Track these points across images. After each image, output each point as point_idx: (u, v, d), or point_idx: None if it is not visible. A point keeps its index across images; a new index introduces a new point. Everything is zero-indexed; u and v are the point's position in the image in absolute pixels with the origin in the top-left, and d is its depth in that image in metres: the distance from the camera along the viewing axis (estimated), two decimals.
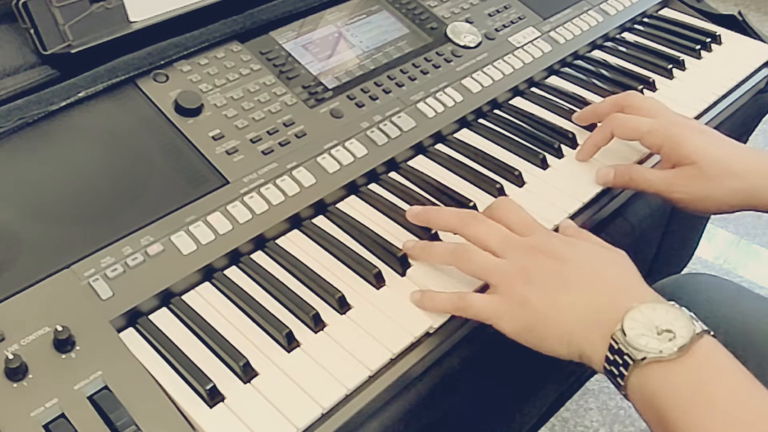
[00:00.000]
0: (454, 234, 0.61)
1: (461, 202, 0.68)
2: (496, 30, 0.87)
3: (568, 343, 0.53)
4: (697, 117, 0.84)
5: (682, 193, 0.68)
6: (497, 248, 0.57)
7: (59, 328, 0.51)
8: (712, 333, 0.50)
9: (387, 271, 0.61)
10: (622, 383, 0.50)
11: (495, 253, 0.57)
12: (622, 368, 0.49)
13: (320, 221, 0.66)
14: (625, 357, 0.49)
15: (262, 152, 0.67)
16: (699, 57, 0.93)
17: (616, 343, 0.50)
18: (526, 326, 0.54)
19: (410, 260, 0.62)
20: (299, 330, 0.56)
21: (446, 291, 0.58)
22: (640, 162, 0.76)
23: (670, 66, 0.89)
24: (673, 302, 0.51)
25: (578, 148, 0.76)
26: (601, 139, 0.74)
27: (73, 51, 0.66)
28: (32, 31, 0.65)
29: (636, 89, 0.85)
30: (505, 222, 0.60)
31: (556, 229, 0.67)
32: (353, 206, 0.67)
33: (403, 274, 0.61)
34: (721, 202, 0.68)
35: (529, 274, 0.55)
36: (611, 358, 0.50)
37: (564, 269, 0.55)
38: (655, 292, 0.54)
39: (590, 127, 0.77)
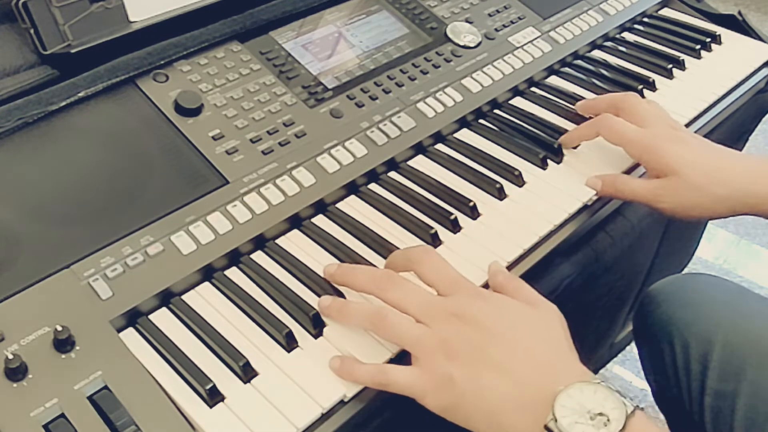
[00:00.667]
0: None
1: (461, 202, 0.68)
2: (496, 30, 0.87)
3: (497, 426, 0.49)
4: (697, 117, 0.84)
5: (668, 203, 0.68)
6: (417, 313, 0.53)
7: (59, 328, 0.51)
8: (641, 407, 0.48)
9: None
10: None
11: (416, 318, 0.53)
12: None
13: (320, 221, 0.66)
14: None
15: (262, 152, 0.67)
16: (699, 57, 0.93)
17: None
18: (451, 405, 0.50)
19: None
20: (299, 330, 0.56)
21: (365, 360, 0.54)
22: (633, 167, 0.75)
23: (670, 66, 0.89)
24: (598, 380, 0.49)
25: (566, 134, 0.76)
26: (587, 134, 0.74)
27: (73, 51, 0.66)
28: (32, 31, 0.65)
29: (636, 89, 0.85)
30: (425, 278, 0.56)
31: (559, 229, 0.67)
32: (353, 206, 0.67)
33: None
34: (709, 209, 0.68)
35: (451, 347, 0.51)
36: None
37: (487, 342, 0.51)
38: (582, 368, 0.51)
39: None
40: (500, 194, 0.70)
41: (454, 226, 0.66)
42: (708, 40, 0.94)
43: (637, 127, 0.70)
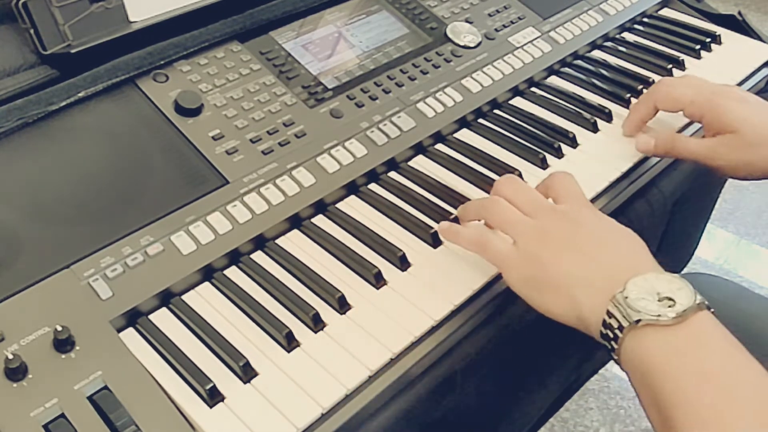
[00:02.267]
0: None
1: (461, 202, 0.67)
2: (496, 30, 0.87)
3: (568, 302, 0.53)
4: None
5: (724, 161, 0.69)
6: (525, 207, 0.59)
7: (59, 328, 0.51)
8: (712, 309, 0.50)
9: (387, 271, 0.61)
10: (615, 346, 0.50)
11: (522, 211, 0.59)
12: (617, 331, 0.50)
13: (320, 221, 0.66)
14: (622, 318, 0.49)
15: (262, 152, 0.67)
16: (699, 57, 0.93)
17: (616, 305, 0.50)
18: (531, 279, 0.55)
19: (410, 260, 0.62)
20: (299, 330, 0.56)
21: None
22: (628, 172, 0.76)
23: (670, 66, 0.89)
24: (678, 274, 0.52)
25: (624, 120, 0.77)
26: (645, 112, 0.75)
27: (72, 51, 0.66)
28: (32, 31, 0.65)
29: (636, 89, 0.85)
30: (550, 192, 0.61)
31: None
32: (353, 206, 0.67)
33: (403, 274, 0.61)
34: (764, 168, 0.69)
35: (546, 234, 0.56)
36: (608, 321, 0.50)
37: (578, 232, 0.56)
38: (661, 267, 0.54)
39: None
40: None
41: None
42: (708, 40, 0.94)
43: (694, 88, 0.72)
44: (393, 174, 0.72)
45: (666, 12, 1.02)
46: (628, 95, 0.83)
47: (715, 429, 0.45)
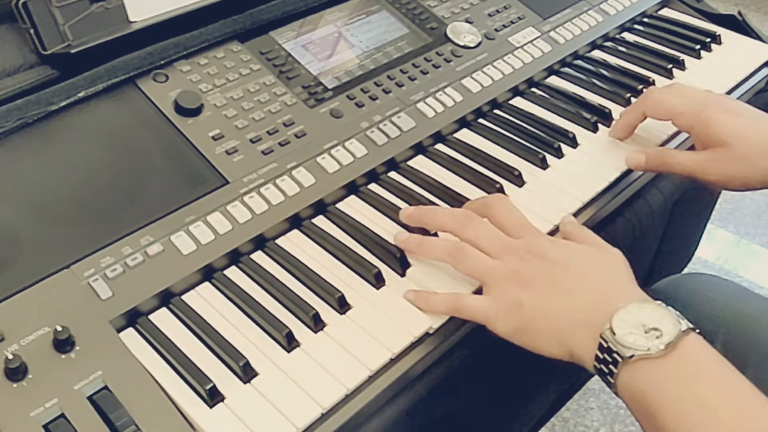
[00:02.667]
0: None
1: (461, 202, 0.67)
2: (496, 30, 0.87)
3: (559, 342, 0.54)
4: None
5: (716, 175, 0.69)
6: (491, 250, 0.58)
7: (59, 328, 0.51)
8: (697, 330, 0.51)
9: (387, 271, 0.61)
10: (612, 381, 0.51)
11: (489, 255, 0.58)
12: (611, 366, 0.50)
13: (320, 221, 0.66)
14: (614, 355, 0.50)
15: (262, 152, 0.67)
16: (699, 57, 0.93)
17: (605, 341, 0.50)
18: (519, 327, 0.55)
19: (409, 260, 0.62)
20: (299, 330, 0.56)
21: (442, 292, 0.59)
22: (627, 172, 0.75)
23: (670, 66, 0.89)
24: (660, 302, 0.52)
25: (612, 125, 0.77)
26: (634, 118, 0.75)
27: (72, 51, 0.66)
28: (32, 31, 0.65)
29: (636, 89, 0.85)
30: (499, 222, 0.60)
31: (556, 230, 0.67)
32: (353, 206, 0.67)
33: (402, 274, 0.61)
34: (756, 180, 0.68)
35: (522, 276, 0.56)
36: (601, 356, 0.51)
37: (555, 271, 0.56)
38: (643, 293, 0.54)
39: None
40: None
41: None
42: (708, 40, 0.94)
43: (685, 99, 0.71)
44: (393, 174, 0.72)
45: (666, 12, 1.02)
46: (628, 95, 0.83)
47: None
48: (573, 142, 0.77)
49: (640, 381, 0.49)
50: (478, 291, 0.59)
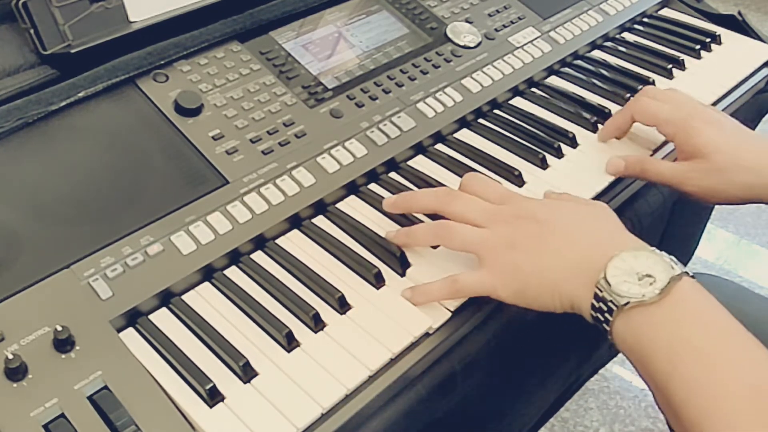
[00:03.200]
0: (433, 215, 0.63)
1: None
2: (496, 30, 0.87)
3: (559, 296, 0.54)
4: None
5: (694, 187, 0.69)
6: (478, 221, 0.58)
7: (59, 328, 0.51)
8: (691, 274, 0.51)
9: (387, 271, 0.61)
10: (607, 329, 0.52)
11: (477, 226, 0.58)
12: (606, 314, 0.51)
13: (320, 221, 0.66)
14: (609, 303, 0.51)
15: (262, 152, 0.67)
16: (699, 57, 0.93)
17: (600, 290, 0.51)
18: (519, 289, 0.56)
19: (409, 260, 0.62)
20: (299, 330, 0.56)
21: (435, 280, 0.58)
22: (651, 155, 0.76)
23: (670, 66, 0.89)
24: (653, 248, 0.52)
25: (599, 130, 0.77)
26: (622, 121, 0.75)
27: (72, 51, 0.66)
28: (32, 31, 0.65)
29: (636, 90, 0.85)
30: (481, 194, 0.61)
31: None
32: (353, 206, 0.67)
33: (402, 274, 0.61)
34: (735, 195, 0.68)
35: (513, 240, 0.56)
36: (596, 305, 0.52)
37: (545, 230, 0.56)
38: (637, 239, 0.55)
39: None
40: None
41: None
42: (708, 40, 0.94)
43: (672, 107, 0.71)
44: (393, 174, 0.72)
45: (666, 12, 1.02)
46: (628, 95, 0.83)
47: (707, 397, 0.46)
48: (573, 142, 0.77)
49: (636, 328, 0.50)
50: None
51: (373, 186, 0.70)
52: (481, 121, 0.79)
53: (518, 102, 0.83)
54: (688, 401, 0.46)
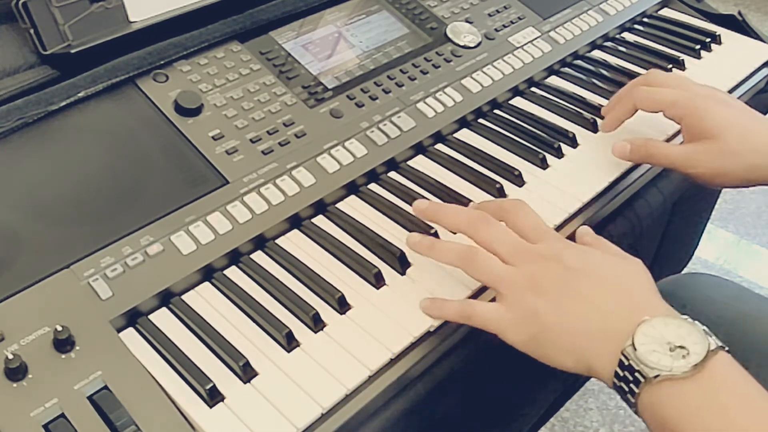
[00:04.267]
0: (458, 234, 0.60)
1: (461, 202, 0.68)
2: (496, 30, 0.87)
3: (576, 355, 0.51)
4: None
5: (702, 168, 0.67)
6: (506, 255, 0.55)
7: (59, 328, 0.51)
8: (726, 349, 0.47)
9: (387, 271, 0.61)
10: (632, 400, 0.48)
11: (504, 260, 0.55)
12: (632, 385, 0.47)
13: (320, 221, 0.66)
14: (636, 374, 0.47)
15: (262, 152, 0.67)
16: (699, 57, 0.93)
17: (627, 359, 0.47)
18: (533, 337, 0.52)
19: (410, 260, 0.62)
20: (299, 330, 0.56)
21: (454, 299, 0.57)
22: (627, 172, 0.75)
23: (670, 66, 0.89)
24: (686, 316, 0.49)
25: (602, 121, 0.76)
26: (624, 111, 0.73)
27: (72, 51, 0.66)
28: (32, 31, 0.65)
29: None
30: (517, 226, 0.58)
31: (558, 229, 0.67)
32: (353, 206, 0.67)
33: (402, 274, 0.61)
34: (741, 177, 0.66)
35: (538, 284, 0.53)
36: (621, 374, 0.48)
37: (573, 279, 0.53)
38: (668, 305, 0.52)
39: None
40: (500, 194, 0.70)
41: None
42: (708, 40, 0.94)
43: (676, 90, 0.69)
44: (393, 174, 0.72)
45: (666, 12, 1.02)
46: None
47: None
48: (573, 142, 0.77)
49: (665, 403, 0.46)
50: (481, 292, 0.59)
51: (373, 186, 0.70)
52: (481, 121, 0.79)
53: (518, 102, 0.83)
54: None
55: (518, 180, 0.71)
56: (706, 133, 0.67)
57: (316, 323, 0.56)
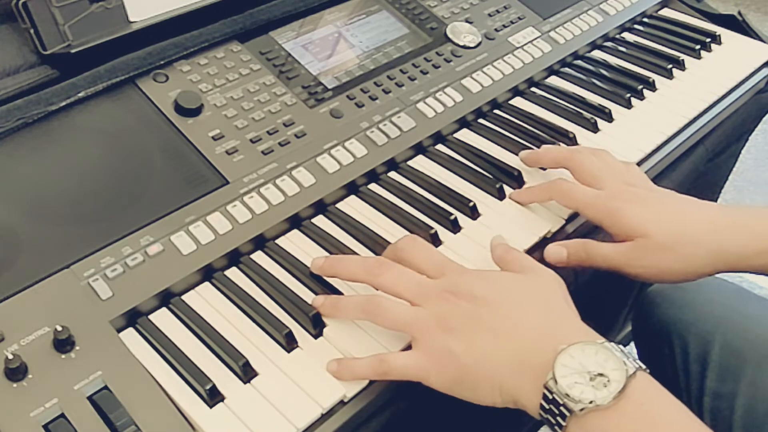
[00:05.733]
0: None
1: (461, 202, 0.68)
2: (496, 30, 0.87)
3: (499, 391, 0.50)
4: (698, 117, 0.83)
5: (641, 268, 0.62)
6: (411, 296, 0.53)
7: (59, 328, 0.51)
8: (644, 368, 0.47)
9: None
10: (559, 431, 0.47)
11: (410, 302, 0.53)
12: (558, 418, 0.47)
13: (320, 221, 0.66)
14: (561, 408, 0.46)
15: (262, 152, 0.67)
16: (699, 57, 0.93)
17: (550, 392, 0.47)
18: (455, 379, 0.50)
19: None
20: (299, 330, 0.56)
21: (364, 356, 0.54)
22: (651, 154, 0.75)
23: (670, 66, 0.89)
24: (602, 341, 0.48)
25: (518, 190, 0.70)
26: (540, 197, 0.69)
27: (72, 51, 0.66)
28: (32, 31, 0.65)
29: (636, 89, 0.85)
30: (415, 264, 0.56)
31: (557, 232, 0.67)
32: (353, 206, 0.67)
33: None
34: (685, 271, 0.61)
35: (447, 322, 0.51)
36: (546, 407, 0.47)
37: (481, 312, 0.51)
38: (583, 327, 0.51)
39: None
40: (500, 194, 0.70)
41: (454, 227, 0.66)
42: (708, 40, 0.94)
43: (593, 190, 0.64)
44: (393, 174, 0.72)
45: (666, 12, 1.02)
46: (628, 95, 0.83)
47: None
48: (573, 142, 0.77)
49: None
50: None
51: (373, 186, 0.70)
52: (481, 121, 0.79)
53: (518, 102, 0.83)
54: None
55: (518, 180, 0.71)
56: (630, 233, 0.62)
57: (316, 324, 0.56)
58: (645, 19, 1.00)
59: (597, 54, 0.93)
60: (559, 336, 0.49)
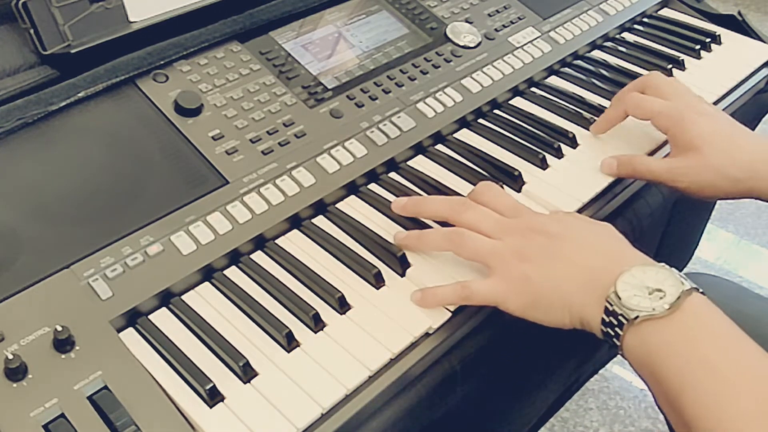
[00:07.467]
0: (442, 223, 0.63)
1: None
2: (496, 30, 0.87)
3: (569, 311, 0.54)
4: None
5: (686, 182, 0.68)
6: (491, 231, 0.59)
7: (59, 328, 0.51)
8: (701, 291, 0.51)
9: (386, 271, 0.61)
10: (618, 343, 0.52)
11: (489, 237, 0.59)
12: (617, 329, 0.51)
13: (320, 221, 0.66)
14: (620, 317, 0.51)
15: (262, 152, 0.67)
16: (699, 57, 0.93)
17: (611, 305, 0.51)
18: (530, 302, 0.55)
19: (409, 260, 0.62)
20: (299, 330, 0.56)
21: (446, 284, 0.59)
22: (651, 153, 0.76)
23: (669, 66, 0.89)
24: (663, 263, 0.53)
25: (595, 122, 0.77)
26: (615, 116, 0.75)
27: (72, 51, 0.66)
28: (32, 31, 0.65)
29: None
30: (493, 206, 0.61)
31: None
32: (353, 206, 0.67)
33: (402, 274, 0.61)
34: (726, 191, 0.67)
35: (525, 253, 0.56)
36: (607, 320, 0.52)
37: (556, 244, 0.57)
38: (645, 256, 0.55)
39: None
40: None
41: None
42: (708, 40, 0.94)
43: (664, 101, 0.70)
44: (393, 174, 0.72)
45: (666, 12, 1.02)
46: None
47: (719, 410, 0.46)
48: (573, 142, 0.77)
49: (646, 342, 0.50)
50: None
51: (373, 186, 0.70)
52: (481, 121, 0.79)
53: (518, 102, 0.83)
54: (700, 415, 0.46)
55: (518, 180, 0.71)
56: (689, 146, 0.68)
57: (316, 323, 0.56)
58: (645, 19, 1.00)
59: (597, 54, 0.93)
60: (623, 261, 0.54)
